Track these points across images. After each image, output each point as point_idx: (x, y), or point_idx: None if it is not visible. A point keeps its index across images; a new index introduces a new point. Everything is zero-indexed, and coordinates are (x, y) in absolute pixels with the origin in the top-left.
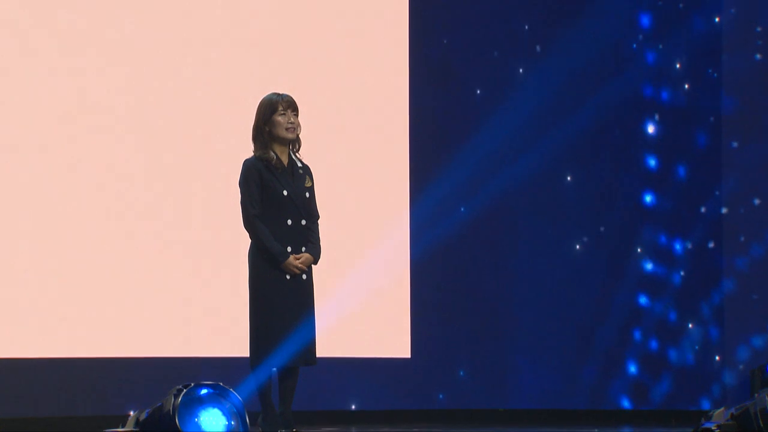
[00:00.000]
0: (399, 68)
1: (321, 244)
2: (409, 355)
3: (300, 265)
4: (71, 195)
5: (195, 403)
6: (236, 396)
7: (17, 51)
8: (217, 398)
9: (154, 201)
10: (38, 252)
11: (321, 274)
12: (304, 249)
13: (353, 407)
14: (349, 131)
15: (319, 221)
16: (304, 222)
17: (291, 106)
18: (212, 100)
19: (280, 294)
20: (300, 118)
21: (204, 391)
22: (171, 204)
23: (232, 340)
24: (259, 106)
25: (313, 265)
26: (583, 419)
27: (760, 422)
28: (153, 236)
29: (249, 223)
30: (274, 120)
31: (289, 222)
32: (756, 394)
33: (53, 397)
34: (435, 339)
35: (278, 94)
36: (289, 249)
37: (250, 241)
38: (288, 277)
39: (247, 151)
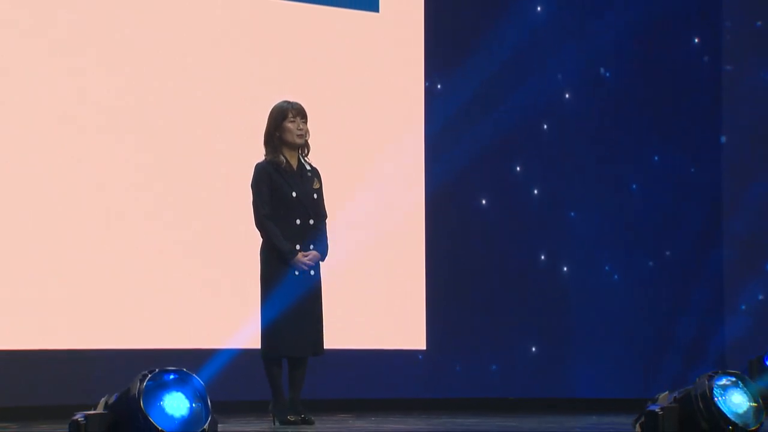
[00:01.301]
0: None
1: (329, 242)
2: (424, 347)
3: (308, 262)
4: (71, 195)
5: (159, 387)
6: (199, 381)
7: (17, 51)
8: (180, 383)
9: (154, 201)
10: (38, 250)
11: (329, 268)
12: (312, 247)
13: (368, 396)
14: (361, 127)
15: (327, 220)
16: (312, 222)
17: (300, 113)
18: (213, 100)
19: (289, 289)
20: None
21: (170, 377)
22: (171, 203)
23: (242, 333)
24: (270, 113)
25: (320, 262)
26: (593, 408)
27: (700, 404)
28: (153, 236)
29: (260, 222)
30: (284, 126)
31: (298, 222)
32: (697, 379)
33: (48, 389)
34: (451, 331)
35: (289, 102)
36: (297, 247)
37: (260, 239)
38: (297, 273)
39: (247, 150)
